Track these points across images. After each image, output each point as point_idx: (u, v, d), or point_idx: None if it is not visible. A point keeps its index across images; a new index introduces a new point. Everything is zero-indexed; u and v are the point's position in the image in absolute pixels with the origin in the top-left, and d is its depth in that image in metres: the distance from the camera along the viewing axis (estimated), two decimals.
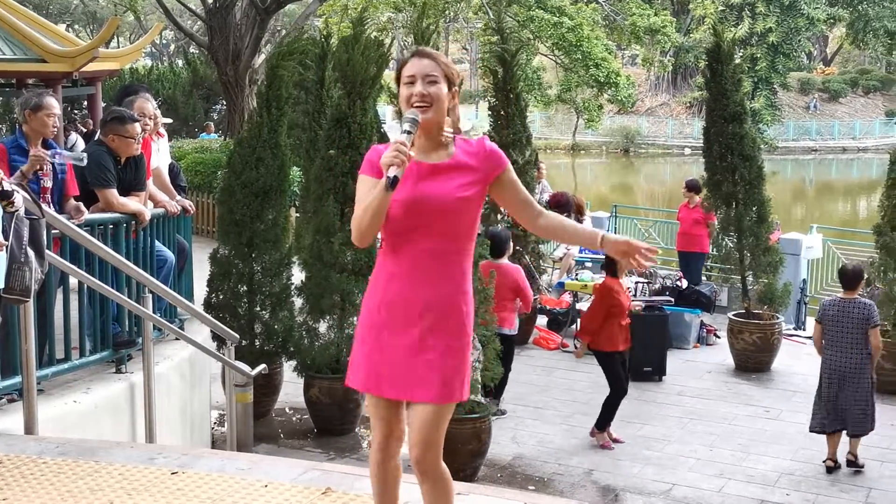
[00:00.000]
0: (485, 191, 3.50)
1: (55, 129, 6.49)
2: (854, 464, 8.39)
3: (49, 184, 6.31)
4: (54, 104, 6.46)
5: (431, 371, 3.42)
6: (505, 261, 9.59)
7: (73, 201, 6.41)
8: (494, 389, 9.44)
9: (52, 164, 6.42)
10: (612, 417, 8.95)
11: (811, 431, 8.61)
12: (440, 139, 3.49)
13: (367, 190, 3.41)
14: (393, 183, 3.26)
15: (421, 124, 3.41)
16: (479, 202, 3.50)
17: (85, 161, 6.36)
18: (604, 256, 13.60)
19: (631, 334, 9.13)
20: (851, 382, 8.31)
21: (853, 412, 8.32)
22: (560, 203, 15.06)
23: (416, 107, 3.41)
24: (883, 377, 10.49)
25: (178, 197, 7.95)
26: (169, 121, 10.34)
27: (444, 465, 3.55)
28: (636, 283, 13.11)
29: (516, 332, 9.85)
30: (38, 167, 6.09)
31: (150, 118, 7.55)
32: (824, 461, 8.41)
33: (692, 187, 14.31)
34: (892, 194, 10.86)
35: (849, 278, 8.58)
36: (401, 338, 3.46)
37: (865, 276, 10.82)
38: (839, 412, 8.34)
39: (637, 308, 10.08)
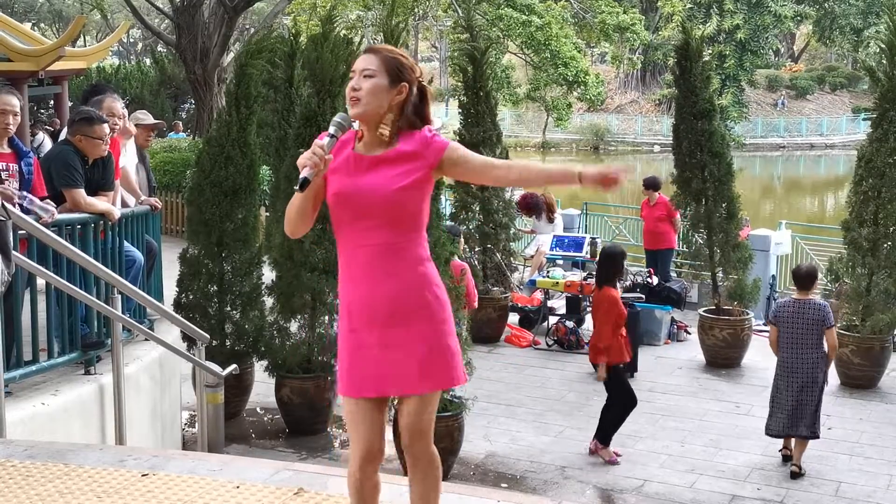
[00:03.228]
0: (428, 178, 3.45)
1: (12, 127, 6.32)
2: (798, 474, 8.18)
3: (15, 185, 6.22)
4: (12, 101, 6.27)
5: (408, 364, 3.41)
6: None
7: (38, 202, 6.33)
8: None
9: (20, 165, 6.34)
10: (615, 431, 8.56)
11: (767, 434, 8.50)
12: (384, 133, 3.47)
13: None
14: (303, 184, 3.34)
15: (359, 118, 3.43)
16: (421, 190, 3.44)
17: (51, 212, 6.05)
18: (586, 259, 13.68)
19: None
20: (807, 383, 8.24)
21: (807, 413, 8.24)
22: (529, 204, 15.12)
23: (350, 100, 3.44)
24: (852, 371, 10.63)
25: (144, 196, 7.91)
26: (160, 123, 10.14)
27: (434, 450, 3.58)
28: None
29: None
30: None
31: (118, 118, 7.49)
32: (780, 450, 8.48)
33: (650, 185, 14.41)
34: (859, 190, 10.93)
35: (802, 279, 8.46)
36: (372, 337, 3.44)
37: (826, 273, 10.93)
38: (797, 414, 8.28)
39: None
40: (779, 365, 8.46)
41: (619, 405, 8.59)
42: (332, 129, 3.41)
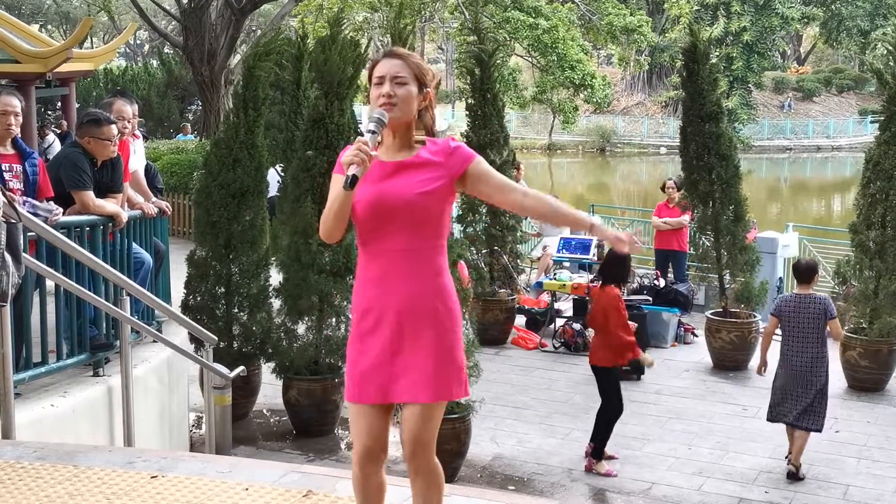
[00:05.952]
0: (451, 188, 3.48)
1: (14, 128, 6.30)
2: (795, 475, 8.16)
3: (19, 185, 6.23)
4: (13, 102, 6.26)
5: (413, 372, 3.42)
6: None
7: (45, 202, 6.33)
8: None
9: (24, 166, 6.34)
10: (608, 438, 8.41)
11: (771, 421, 8.51)
12: (409, 140, 3.50)
13: (337, 188, 3.44)
14: (352, 182, 3.27)
15: (388, 124, 3.42)
16: (443, 198, 3.47)
17: (54, 212, 6.07)
18: (593, 261, 13.67)
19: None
20: (808, 376, 8.26)
21: (811, 406, 8.25)
22: None
23: (382, 106, 3.42)
24: (859, 374, 10.61)
25: (154, 199, 7.90)
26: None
27: (436, 462, 3.56)
28: None
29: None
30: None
31: (128, 120, 7.49)
32: (786, 457, 8.34)
33: (681, 187, 14.32)
34: (866, 193, 10.92)
35: (802, 273, 8.52)
36: (381, 341, 3.45)
37: (834, 276, 10.92)
38: (795, 404, 8.31)
39: None
40: (781, 358, 8.50)
41: (605, 413, 8.41)
42: (371, 126, 3.38)
